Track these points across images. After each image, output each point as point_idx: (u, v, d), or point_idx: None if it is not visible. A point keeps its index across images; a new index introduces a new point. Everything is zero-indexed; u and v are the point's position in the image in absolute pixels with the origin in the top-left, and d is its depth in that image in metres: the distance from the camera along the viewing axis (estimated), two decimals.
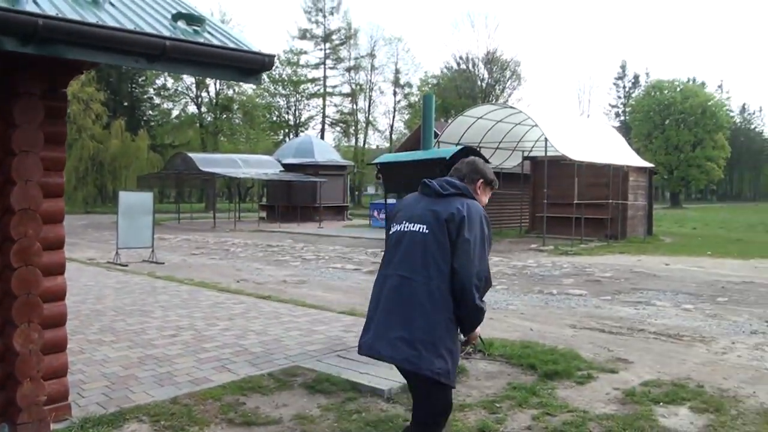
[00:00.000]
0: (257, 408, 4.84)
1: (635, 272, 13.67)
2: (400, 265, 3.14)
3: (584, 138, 22.37)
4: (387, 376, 5.32)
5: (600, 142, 23.20)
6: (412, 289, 3.06)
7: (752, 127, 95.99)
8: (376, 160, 7.07)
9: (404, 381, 3.61)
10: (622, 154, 23.56)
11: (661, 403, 5.10)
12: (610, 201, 21.28)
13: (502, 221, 25.33)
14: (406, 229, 3.19)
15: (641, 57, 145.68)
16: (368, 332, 3.18)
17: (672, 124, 64.96)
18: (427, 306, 3.02)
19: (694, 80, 79.45)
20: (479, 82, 58.32)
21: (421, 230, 3.11)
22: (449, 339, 3.06)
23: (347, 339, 6.86)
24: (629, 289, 11.42)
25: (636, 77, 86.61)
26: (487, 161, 4.07)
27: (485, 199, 3.41)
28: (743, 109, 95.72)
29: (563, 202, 21.19)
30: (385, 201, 8.00)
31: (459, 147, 6.23)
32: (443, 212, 3.09)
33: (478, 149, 21.43)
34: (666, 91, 66.69)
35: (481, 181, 3.38)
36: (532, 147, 23.72)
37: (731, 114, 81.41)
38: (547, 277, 12.90)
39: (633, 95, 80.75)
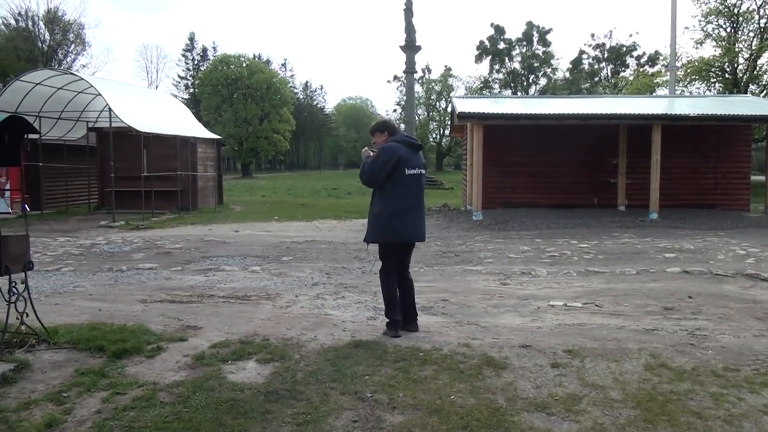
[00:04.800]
0: None
1: (206, 241, 13.99)
2: (416, 195, 6.06)
3: (151, 109, 21.99)
4: None
5: (167, 114, 23.10)
6: (421, 206, 6.17)
7: (314, 103, 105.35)
8: None
9: None
10: (190, 126, 23.79)
11: (230, 361, 5.34)
12: (179, 173, 21.35)
13: (69, 198, 23.34)
14: (417, 173, 6.04)
15: (209, 31, 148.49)
16: (407, 228, 6.02)
17: (240, 98, 67.36)
18: (424, 213, 6.27)
19: (259, 57, 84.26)
20: (40, 44, 52.35)
21: (422, 173, 6.11)
22: None
23: None
24: (199, 257, 11.65)
25: (204, 50, 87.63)
26: (36, 131, 5.01)
27: None
28: (306, 86, 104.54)
29: (133, 175, 20.43)
30: None
31: (5, 116, 5.55)
32: (423, 162, 6.22)
33: (36, 117, 19.58)
34: (233, 66, 68.73)
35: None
36: (98, 117, 22.23)
37: (295, 90, 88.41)
38: (118, 253, 12.37)
39: (202, 68, 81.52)
